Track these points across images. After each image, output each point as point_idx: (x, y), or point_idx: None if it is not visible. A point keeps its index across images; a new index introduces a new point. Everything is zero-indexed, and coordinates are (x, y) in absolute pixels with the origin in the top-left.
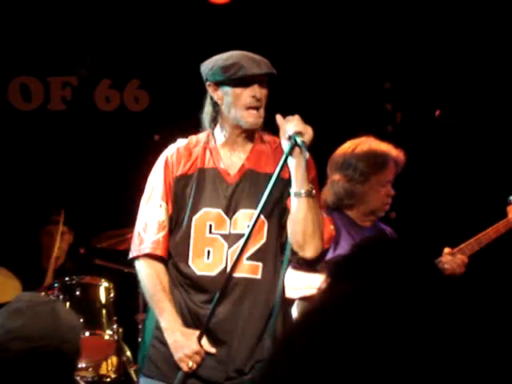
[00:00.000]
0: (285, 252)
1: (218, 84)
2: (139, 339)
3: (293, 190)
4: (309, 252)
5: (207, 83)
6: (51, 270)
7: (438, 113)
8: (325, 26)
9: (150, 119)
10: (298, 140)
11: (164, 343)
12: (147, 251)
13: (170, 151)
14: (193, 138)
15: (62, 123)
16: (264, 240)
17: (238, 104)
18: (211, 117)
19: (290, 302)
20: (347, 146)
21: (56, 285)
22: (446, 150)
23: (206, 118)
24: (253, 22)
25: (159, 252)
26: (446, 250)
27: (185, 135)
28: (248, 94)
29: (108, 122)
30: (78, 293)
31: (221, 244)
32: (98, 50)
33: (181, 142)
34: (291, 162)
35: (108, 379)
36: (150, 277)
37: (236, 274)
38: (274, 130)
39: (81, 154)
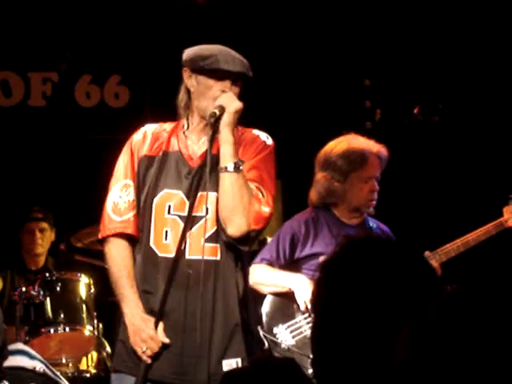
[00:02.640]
0: None
1: (193, 71)
2: None
3: (220, 164)
4: (230, 229)
5: (184, 68)
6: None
7: (416, 110)
8: (304, 24)
9: (130, 115)
10: (217, 113)
11: (127, 336)
12: (118, 230)
13: (137, 133)
14: (162, 124)
15: (42, 119)
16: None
17: (207, 95)
18: (184, 103)
19: (259, 296)
20: (329, 145)
21: (36, 280)
22: (425, 147)
23: (179, 103)
24: (233, 20)
25: (130, 231)
26: (426, 253)
27: None
28: (218, 88)
29: (88, 118)
30: (58, 288)
31: (178, 225)
32: (78, 45)
33: (149, 126)
34: (219, 136)
35: (88, 375)
36: (116, 261)
37: (194, 257)
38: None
39: (61, 150)
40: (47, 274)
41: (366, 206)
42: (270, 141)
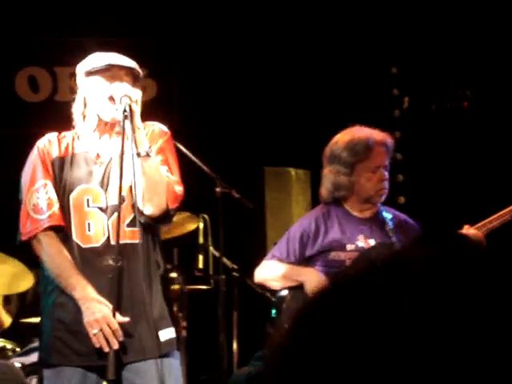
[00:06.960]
0: None
1: (87, 75)
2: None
3: (133, 151)
4: (152, 209)
5: (77, 78)
6: None
7: (445, 97)
8: (330, 11)
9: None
10: (127, 102)
11: (66, 330)
12: (47, 225)
13: (41, 141)
14: (62, 132)
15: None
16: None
17: (102, 94)
18: (80, 108)
19: (275, 293)
20: (334, 139)
21: None
22: (454, 134)
23: (75, 109)
24: (252, 8)
25: (60, 222)
26: (466, 227)
27: None
28: (111, 87)
29: None
30: None
31: (99, 216)
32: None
33: (50, 134)
34: (128, 125)
35: None
36: (56, 255)
37: (120, 241)
38: None
39: None
40: None
41: (377, 196)
42: (165, 128)
